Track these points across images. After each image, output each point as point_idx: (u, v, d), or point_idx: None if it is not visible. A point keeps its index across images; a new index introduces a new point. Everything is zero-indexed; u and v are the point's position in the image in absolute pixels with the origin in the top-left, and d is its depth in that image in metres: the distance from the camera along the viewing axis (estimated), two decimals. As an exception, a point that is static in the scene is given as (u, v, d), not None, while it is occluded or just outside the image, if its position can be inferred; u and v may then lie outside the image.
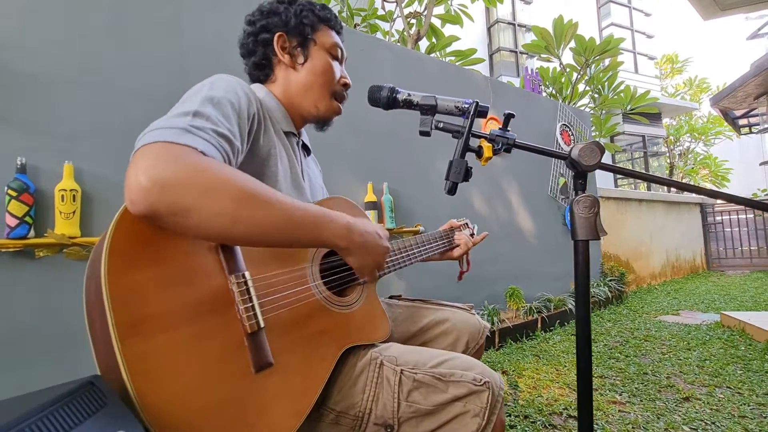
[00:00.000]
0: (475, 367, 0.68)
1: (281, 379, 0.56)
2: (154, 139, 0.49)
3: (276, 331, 0.58)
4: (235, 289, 0.54)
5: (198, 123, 0.53)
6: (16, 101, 1.42)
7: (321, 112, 0.84)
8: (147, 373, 0.43)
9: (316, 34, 0.83)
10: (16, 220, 1.34)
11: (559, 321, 3.10)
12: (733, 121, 8.74)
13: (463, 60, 4.17)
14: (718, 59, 16.27)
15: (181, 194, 0.46)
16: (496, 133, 0.76)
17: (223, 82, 0.65)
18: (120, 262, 0.45)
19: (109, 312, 0.43)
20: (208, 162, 0.50)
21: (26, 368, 1.35)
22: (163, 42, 1.74)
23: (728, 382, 1.89)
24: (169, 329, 0.47)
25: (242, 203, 0.49)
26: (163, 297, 0.48)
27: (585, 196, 0.73)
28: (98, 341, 0.46)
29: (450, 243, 1.08)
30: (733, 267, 6.65)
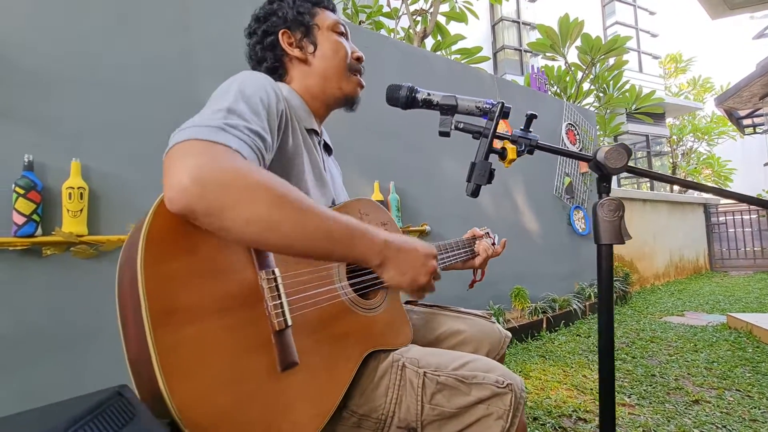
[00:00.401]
0: (497, 369, 0.67)
1: (306, 378, 0.55)
2: (191, 137, 0.49)
3: (302, 330, 0.58)
4: (264, 285, 0.54)
5: (232, 121, 0.53)
6: (23, 98, 1.40)
7: (346, 91, 0.84)
8: (177, 364, 0.43)
9: (315, 19, 0.82)
10: (24, 218, 1.33)
11: (564, 321, 3.10)
12: (738, 121, 8.71)
13: (468, 58, 4.15)
14: (722, 59, 16.20)
15: (218, 196, 0.46)
16: (519, 134, 0.75)
17: (252, 79, 0.64)
18: (156, 251, 0.46)
19: (143, 300, 0.43)
20: (246, 165, 0.50)
21: (31, 368, 1.34)
22: (169, 40, 1.72)
23: (737, 384, 1.88)
24: (200, 321, 0.47)
25: (277, 210, 0.48)
26: (196, 289, 0.48)
27: (609, 199, 0.72)
28: (129, 328, 0.46)
29: (472, 252, 1.07)
30: (737, 268, 6.63)
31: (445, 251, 0.98)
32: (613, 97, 5.44)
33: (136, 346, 0.44)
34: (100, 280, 1.47)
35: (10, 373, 1.31)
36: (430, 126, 2.73)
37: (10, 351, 1.31)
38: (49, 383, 1.36)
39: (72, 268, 1.43)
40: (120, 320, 0.48)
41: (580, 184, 4.01)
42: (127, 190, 1.56)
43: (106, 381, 1.46)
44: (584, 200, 4.02)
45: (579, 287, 3.74)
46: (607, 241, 0.72)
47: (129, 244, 0.49)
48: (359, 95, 0.88)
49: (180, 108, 1.69)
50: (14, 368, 1.32)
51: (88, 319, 1.44)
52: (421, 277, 0.63)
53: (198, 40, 1.79)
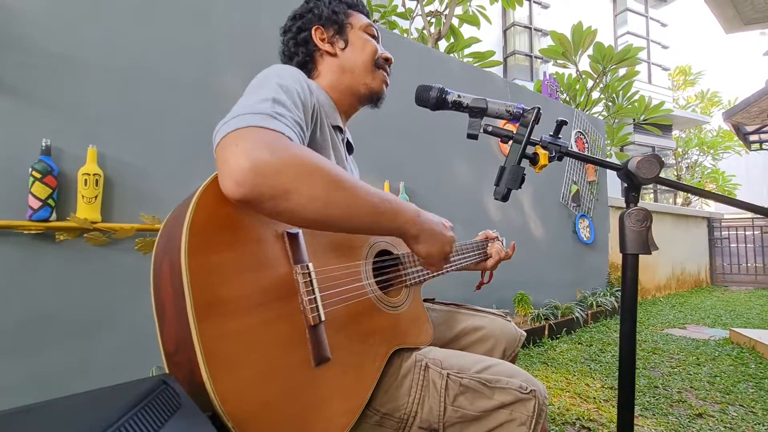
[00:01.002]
0: (520, 375, 0.67)
1: (337, 374, 0.56)
2: (246, 124, 0.50)
3: (332, 326, 0.58)
4: (300, 279, 0.55)
5: (279, 110, 0.55)
6: (45, 82, 1.40)
7: (372, 86, 0.85)
8: (221, 357, 0.43)
9: (349, 18, 0.85)
10: (39, 203, 1.33)
11: (566, 329, 3.09)
12: (745, 137, 8.69)
13: (481, 62, 4.14)
14: (730, 74, 16.18)
15: (281, 178, 0.47)
16: (548, 140, 0.75)
17: (287, 71, 0.65)
18: (200, 241, 0.45)
19: (187, 290, 0.42)
20: (300, 147, 0.52)
21: (39, 352, 1.34)
22: (191, 29, 1.72)
23: (741, 400, 1.88)
24: (242, 314, 0.47)
25: (334, 187, 0.51)
26: (237, 281, 0.48)
27: (637, 209, 0.72)
28: (169, 319, 0.45)
29: (485, 254, 1.08)
30: (737, 283, 6.63)
31: (461, 252, 0.99)
32: (623, 106, 5.43)
33: (176, 337, 0.44)
34: (112, 268, 1.48)
35: (18, 357, 1.31)
36: (442, 128, 2.73)
37: (19, 334, 1.32)
38: (56, 369, 1.36)
39: (84, 255, 1.43)
40: (156, 310, 0.47)
41: (587, 193, 4.00)
42: (142, 179, 1.56)
43: (114, 369, 1.46)
44: (590, 209, 4.02)
45: (581, 295, 3.74)
46: (633, 251, 0.72)
47: (168, 234, 0.49)
48: (384, 92, 0.89)
49: (199, 99, 1.69)
50: (22, 352, 1.32)
51: (99, 306, 1.44)
52: (447, 246, 0.69)
53: (220, 32, 1.79)
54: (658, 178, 0.69)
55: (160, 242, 0.50)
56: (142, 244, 1.51)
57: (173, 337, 0.44)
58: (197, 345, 0.41)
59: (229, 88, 1.77)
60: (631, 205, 0.73)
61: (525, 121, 0.72)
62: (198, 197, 0.47)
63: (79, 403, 0.32)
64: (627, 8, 10.87)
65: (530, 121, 0.70)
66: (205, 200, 0.48)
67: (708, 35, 15.17)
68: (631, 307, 0.73)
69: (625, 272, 0.74)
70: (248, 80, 0.66)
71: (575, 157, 0.76)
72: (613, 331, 3.26)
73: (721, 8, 3.40)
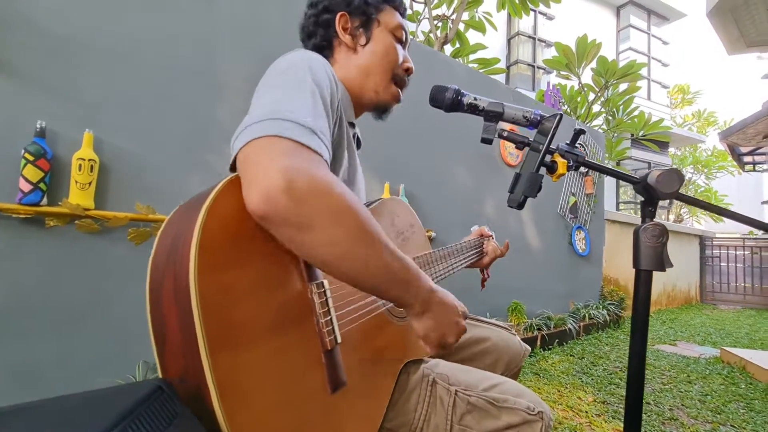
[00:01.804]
0: (527, 395, 0.65)
1: (353, 399, 0.52)
2: (285, 134, 0.45)
3: (347, 347, 0.54)
4: (315, 299, 0.50)
5: (319, 123, 0.50)
6: (44, 63, 1.36)
7: (381, 97, 0.79)
8: (235, 390, 0.38)
9: (380, 14, 0.77)
10: (30, 186, 1.28)
11: (558, 340, 3.08)
12: (739, 158, 8.81)
13: (485, 68, 4.14)
14: (727, 95, 16.44)
15: (311, 210, 0.43)
16: (566, 148, 0.73)
17: (318, 65, 0.59)
18: (211, 259, 0.40)
19: (198, 317, 0.37)
20: (336, 181, 0.46)
21: (19, 342, 1.29)
22: (196, 16, 1.68)
23: (732, 420, 1.88)
24: (256, 341, 0.42)
25: (359, 239, 0.46)
26: (252, 304, 0.43)
27: (653, 224, 0.70)
28: (172, 345, 0.40)
29: (481, 253, 1.05)
30: (726, 302, 6.69)
31: (461, 253, 0.96)
32: (623, 121, 5.47)
33: (182, 366, 0.39)
34: (102, 257, 1.43)
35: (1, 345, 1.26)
36: (444, 130, 2.71)
37: (2, 322, 1.27)
38: (40, 359, 1.31)
39: (74, 242, 1.39)
40: (153, 332, 0.42)
41: (584, 205, 4.01)
42: (138, 167, 1.52)
43: (98, 362, 1.41)
44: (587, 221, 4.03)
45: (574, 307, 3.74)
46: (647, 267, 0.70)
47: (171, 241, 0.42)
48: (392, 106, 0.84)
49: (201, 88, 1.65)
50: (4, 341, 1.27)
51: (87, 295, 1.40)
52: (450, 337, 0.59)
53: (225, 20, 1.76)
54: (678, 193, 0.68)
55: (158, 255, 0.43)
56: (135, 234, 1.47)
57: (179, 363, 0.40)
58: (210, 381, 0.37)
59: (232, 78, 1.73)
60: (647, 219, 0.71)
61: (544, 128, 0.70)
62: (210, 203, 0.41)
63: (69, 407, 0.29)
64: (630, 24, 10.99)
65: (551, 129, 0.68)
66: (218, 207, 0.42)
67: (707, 56, 15.41)
68: (643, 324, 0.71)
69: (638, 288, 0.72)
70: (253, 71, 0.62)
71: (592, 167, 0.73)
72: (605, 344, 3.26)
73: (726, 29, 3.43)
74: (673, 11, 11.43)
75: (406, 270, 0.52)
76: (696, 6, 10.54)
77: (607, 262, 4.55)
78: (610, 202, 9.43)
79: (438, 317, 0.57)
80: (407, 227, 0.82)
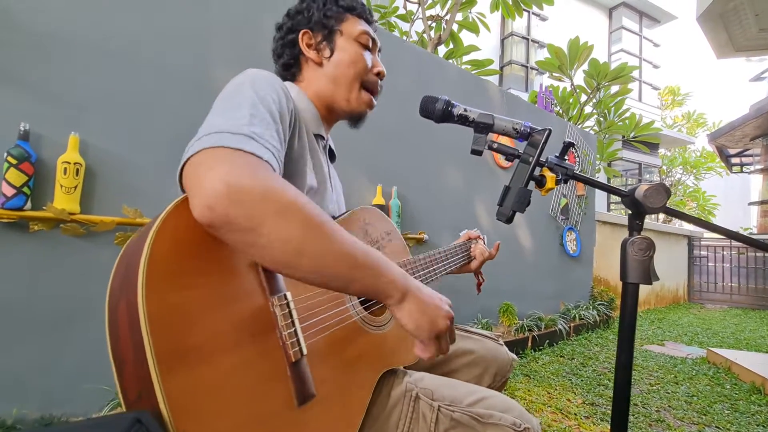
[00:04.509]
0: (513, 409, 0.64)
1: (323, 411, 0.52)
2: (220, 143, 0.45)
3: (315, 358, 0.53)
4: (278, 312, 0.50)
5: (257, 129, 0.50)
6: (26, 62, 1.33)
7: (353, 105, 0.80)
8: (191, 412, 0.38)
9: (341, 24, 0.79)
10: (13, 190, 1.25)
11: (549, 341, 3.11)
12: (727, 159, 8.94)
13: (479, 70, 4.15)
14: (716, 97, 16.68)
15: (256, 210, 0.43)
16: (555, 161, 0.73)
17: (263, 79, 0.60)
18: (161, 277, 0.40)
19: (147, 340, 0.37)
20: (279, 179, 0.47)
21: (7, 348, 1.26)
22: (188, 17, 1.66)
23: (717, 421, 1.91)
24: (214, 360, 0.42)
25: (309, 232, 0.46)
26: (207, 321, 0.42)
27: (641, 237, 0.70)
28: (128, 366, 0.40)
29: (469, 256, 1.05)
30: (713, 301, 6.80)
31: (446, 258, 0.95)
32: (614, 123, 5.52)
33: (137, 388, 0.38)
34: (88, 262, 1.41)
35: (-18, 352, 1.23)
36: (436, 133, 2.71)
37: (-15, 328, 1.24)
38: (16, 367, 1.28)
39: (59, 247, 1.36)
40: (113, 353, 0.41)
41: (575, 207, 4.05)
42: (125, 170, 1.49)
43: (86, 368, 1.38)
44: (578, 222, 4.07)
45: (565, 307, 3.77)
46: (634, 280, 0.71)
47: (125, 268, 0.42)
48: (366, 114, 0.84)
49: (190, 91, 1.63)
50: (-13, 347, 1.24)
51: (72, 301, 1.37)
52: (441, 321, 0.56)
53: (217, 22, 1.73)
54: (666, 208, 0.68)
55: (115, 277, 0.43)
56: (122, 239, 1.45)
57: (135, 389, 0.39)
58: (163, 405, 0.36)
59: (223, 81, 1.69)
60: (635, 233, 0.71)
61: (534, 141, 0.70)
62: (160, 223, 0.42)
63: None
64: (622, 26, 11.09)
65: (540, 143, 0.68)
66: (167, 230, 0.42)
67: (697, 58, 15.62)
68: (630, 337, 0.72)
69: (625, 300, 0.73)
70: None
71: (581, 180, 0.74)
72: (594, 344, 3.30)
73: (715, 34, 3.48)
74: (665, 14, 11.56)
75: (370, 257, 0.51)
76: (687, 9, 10.66)
77: (598, 263, 4.60)
78: (601, 203, 9.53)
79: (421, 301, 0.54)
80: (383, 235, 0.81)
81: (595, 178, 0.76)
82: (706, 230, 5.83)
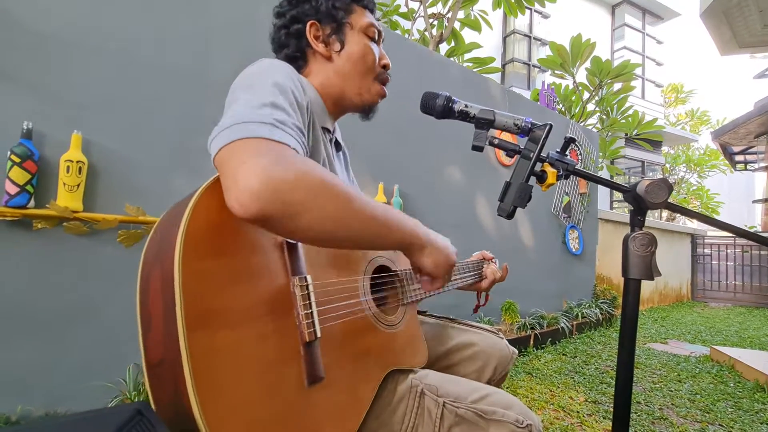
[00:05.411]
0: (516, 406, 0.64)
1: (331, 395, 0.52)
2: (249, 134, 0.47)
3: (327, 344, 0.55)
4: (297, 292, 0.52)
5: (280, 116, 0.51)
6: (30, 61, 1.33)
7: (366, 99, 0.78)
8: (210, 373, 0.40)
9: (350, 17, 0.76)
10: (17, 188, 1.26)
11: (551, 339, 3.10)
12: (731, 156, 8.88)
13: (481, 67, 4.14)
14: (720, 94, 16.58)
15: (292, 198, 0.45)
16: (556, 157, 0.72)
17: (280, 67, 0.61)
18: (195, 248, 0.43)
19: (179, 297, 0.39)
20: (309, 163, 0.49)
21: (11, 345, 1.27)
22: (188, 15, 1.66)
23: (720, 419, 1.90)
24: (235, 327, 0.44)
25: (345, 206, 0.49)
26: (232, 291, 0.45)
27: (643, 233, 0.70)
28: (155, 328, 0.42)
29: (480, 275, 1.05)
30: (716, 299, 6.77)
31: (460, 272, 0.96)
32: (617, 120, 5.49)
33: (162, 348, 0.40)
34: (91, 260, 1.41)
35: (-14, 349, 1.24)
36: (438, 131, 2.71)
37: (-11, 326, 1.25)
38: (28, 364, 1.30)
39: (62, 245, 1.37)
40: (141, 319, 0.44)
41: (577, 204, 4.03)
42: (128, 168, 1.50)
43: (90, 365, 1.39)
44: (580, 220, 4.05)
45: (567, 306, 3.77)
46: (636, 276, 0.70)
47: (159, 239, 0.45)
48: (378, 104, 0.83)
49: (192, 89, 1.63)
50: (-9, 344, 1.25)
51: (75, 298, 1.38)
52: (451, 257, 0.66)
53: (217, 19, 1.74)
54: (667, 203, 0.68)
55: (150, 248, 0.46)
56: (124, 236, 1.45)
57: (159, 346, 0.41)
58: (185, 358, 0.38)
59: (224, 79, 1.70)
60: (636, 228, 0.71)
61: (534, 136, 0.70)
62: (196, 200, 0.44)
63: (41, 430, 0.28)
64: (625, 23, 11.03)
65: (541, 138, 0.67)
66: (203, 204, 0.45)
67: (701, 55, 15.52)
68: (631, 333, 0.71)
69: (627, 297, 0.72)
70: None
71: (582, 176, 0.74)
72: (597, 342, 3.29)
73: (719, 30, 3.45)
74: (668, 10, 11.48)
75: (395, 215, 0.58)
76: (690, 5, 10.59)
77: (600, 261, 4.59)
78: (603, 201, 9.50)
79: (437, 243, 0.64)
80: None
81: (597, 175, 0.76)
82: (710, 227, 5.77)
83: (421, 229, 0.62)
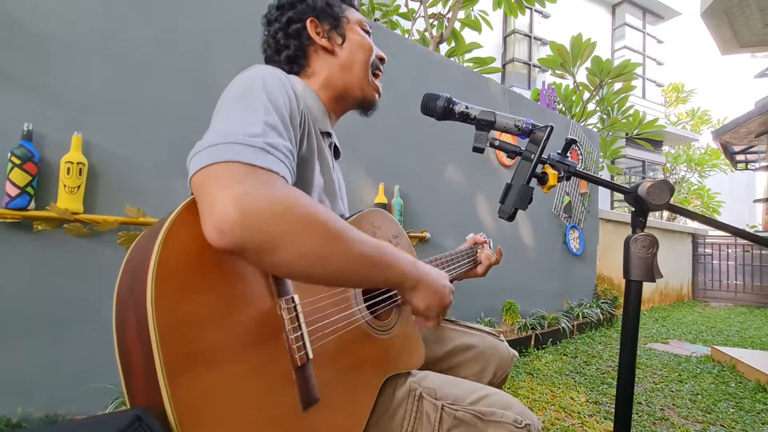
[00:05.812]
0: (514, 407, 0.64)
1: (328, 414, 0.52)
2: (231, 158, 0.44)
3: (321, 361, 0.53)
4: (285, 315, 0.49)
5: (272, 139, 0.49)
6: (30, 63, 1.33)
7: (366, 93, 0.80)
8: (198, 418, 0.38)
9: (345, 12, 0.80)
10: (17, 190, 1.26)
11: (552, 339, 3.10)
12: (732, 156, 8.87)
13: (481, 68, 4.13)
14: (721, 93, 16.56)
15: (271, 231, 0.42)
16: (557, 158, 0.72)
17: (272, 79, 0.58)
18: (169, 286, 0.40)
19: (156, 346, 0.37)
20: (294, 194, 0.46)
21: (12, 347, 1.27)
22: (188, 18, 1.66)
23: (721, 420, 1.90)
24: (220, 365, 0.42)
25: (327, 243, 0.46)
26: (215, 328, 0.42)
27: (644, 234, 0.70)
28: (136, 375, 0.40)
29: (475, 261, 1.04)
30: (717, 299, 6.76)
31: (454, 262, 0.95)
32: (618, 120, 5.49)
33: (146, 395, 0.39)
34: (92, 261, 1.41)
35: (-13, 351, 1.24)
36: (438, 132, 2.71)
37: (-11, 327, 1.25)
38: (28, 365, 1.30)
39: (63, 246, 1.37)
40: (120, 361, 0.41)
41: (578, 204, 4.03)
42: (128, 170, 1.50)
43: (90, 367, 1.39)
44: (581, 220, 4.05)
45: (568, 306, 3.76)
46: (637, 277, 0.70)
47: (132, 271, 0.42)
48: (377, 101, 0.84)
49: (192, 91, 1.63)
50: (-8, 346, 1.25)
51: (74, 301, 1.38)
52: (446, 298, 0.63)
53: (218, 22, 1.74)
54: (669, 204, 0.68)
55: (124, 279, 0.44)
56: (125, 238, 1.45)
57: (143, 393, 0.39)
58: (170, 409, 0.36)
59: (224, 79, 1.69)
60: (638, 230, 0.71)
61: (535, 138, 0.70)
62: (166, 231, 0.41)
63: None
64: (625, 23, 11.02)
65: (542, 139, 0.67)
66: (175, 234, 0.42)
67: (701, 55, 15.52)
68: (633, 334, 0.71)
69: (628, 298, 0.72)
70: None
71: (583, 177, 0.73)
72: (598, 343, 3.29)
73: (719, 30, 3.45)
74: (668, 10, 11.46)
75: (385, 254, 0.54)
76: (691, 5, 10.57)
77: (602, 261, 4.58)
78: (604, 201, 9.49)
79: (431, 284, 0.61)
80: (390, 238, 0.81)
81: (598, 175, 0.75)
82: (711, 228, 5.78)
83: (415, 268, 0.59)
